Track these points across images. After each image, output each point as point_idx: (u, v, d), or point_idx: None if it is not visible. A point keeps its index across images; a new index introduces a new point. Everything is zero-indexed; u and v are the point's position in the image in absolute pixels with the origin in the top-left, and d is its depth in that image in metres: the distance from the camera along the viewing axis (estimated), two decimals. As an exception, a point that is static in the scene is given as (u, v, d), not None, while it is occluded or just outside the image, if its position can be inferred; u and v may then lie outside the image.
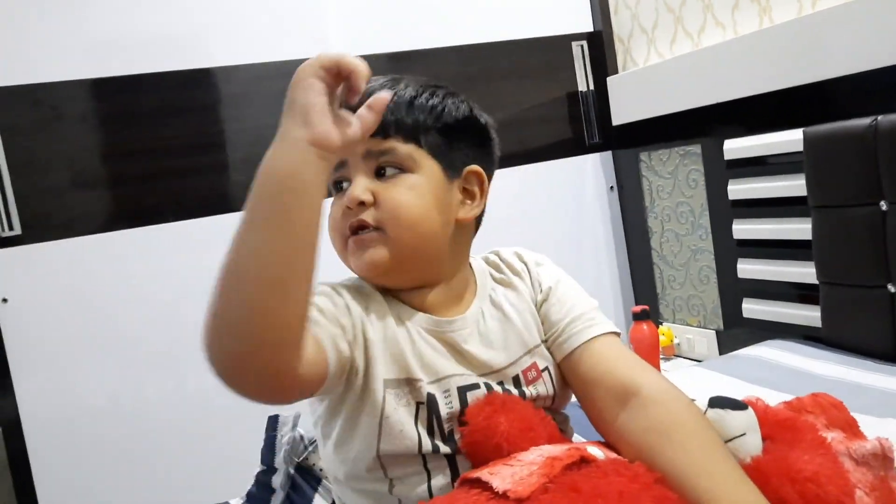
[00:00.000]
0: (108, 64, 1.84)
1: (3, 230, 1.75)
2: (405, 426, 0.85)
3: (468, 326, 0.93)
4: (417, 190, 0.89)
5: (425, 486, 0.86)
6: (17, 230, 1.76)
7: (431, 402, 0.86)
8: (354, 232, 0.88)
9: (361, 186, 0.87)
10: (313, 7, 2.02)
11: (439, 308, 0.93)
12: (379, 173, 0.89)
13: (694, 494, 0.74)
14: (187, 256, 1.90)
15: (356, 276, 0.95)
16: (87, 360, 1.83)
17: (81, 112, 1.83)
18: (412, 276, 0.92)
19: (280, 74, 1.97)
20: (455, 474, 0.86)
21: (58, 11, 1.79)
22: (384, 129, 0.87)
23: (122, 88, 1.85)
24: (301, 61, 0.74)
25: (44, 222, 1.79)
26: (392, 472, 0.86)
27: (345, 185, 0.90)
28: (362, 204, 0.87)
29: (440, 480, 0.86)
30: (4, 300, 1.76)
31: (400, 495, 0.86)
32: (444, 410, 0.87)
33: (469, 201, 0.95)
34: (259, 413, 1.39)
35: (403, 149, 0.89)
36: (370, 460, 0.86)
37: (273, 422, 1.30)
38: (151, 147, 1.89)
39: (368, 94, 0.85)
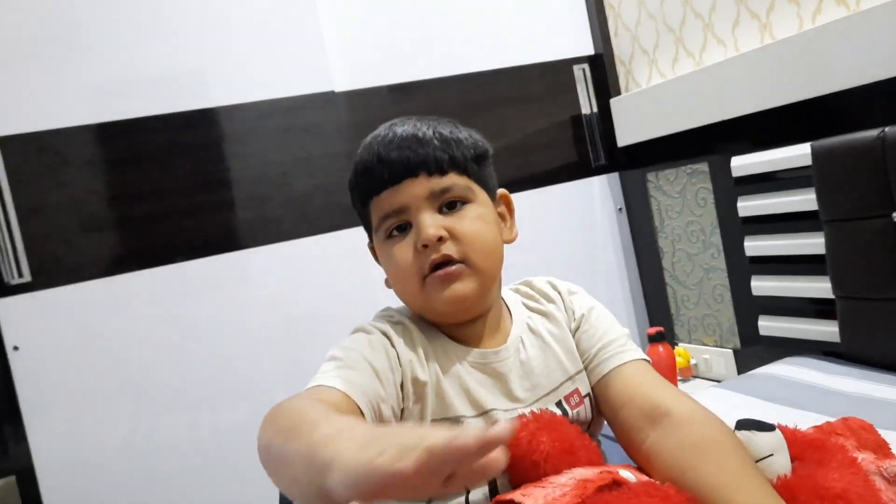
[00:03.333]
0: (111, 108, 1.85)
1: (13, 277, 1.75)
2: None
3: (510, 356, 0.94)
4: (484, 218, 0.92)
5: (462, 498, 0.87)
6: (27, 277, 1.76)
7: None
8: (436, 268, 0.89)
9: (434, 223, 0.88)
10: (313, 43, 2.03)
11: (484, 339, 0.95)
12: (441, 210, 0.90)
13: None
14: (197, 296, 1.91)
15: (395, 311, 0.97)
16: (100, 405, 1.82)
17: (87, 157, 1.84)
18: (482, 307, 0.94)
19: (282, 111, 1.99)
20: (493, 489, 0.87)
21: (58, 59, 1.81)
22: (440, 166, 0.90)
23: (126, 131, 1.86)
24: (304, 97, 0.73)
25: (53, 268, 1.79)
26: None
27: (408, 226, 0.91)
28: (440, 240, 0.88)
29: (477, 494, 0.87)
30: (16, 348, 1.75)
31: None
32: None
33: (503, 223, 0.99)
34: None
35: (461, 181, 0.91)
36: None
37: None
38: (157, 188, 1.89)
39: (388, 137, 0.90)
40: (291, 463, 0.64)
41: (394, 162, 0.90)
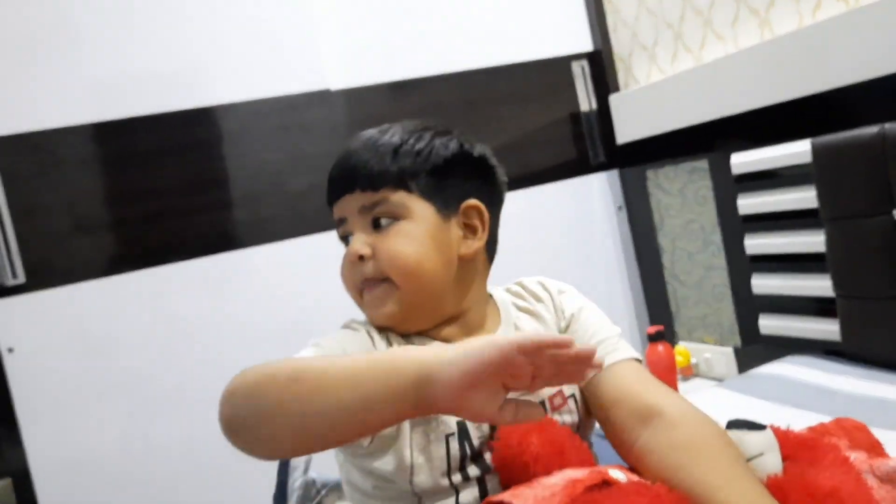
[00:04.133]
0: (106, 108, 1.84)
1: (8, 278, 1.74)
2: (434, 461, 0.86)
3: None
4: (412, 235, 0.91)
5: (452, 500, 0.87)
6: (21, 278, 1.75)
7: (462, 429, 0.87)
8: (365, 285, 0.92)
9: (360, 241, 0.91)
10: (309, 41, 2.02)
11: (465, 339, 0.94)
12: (376, 225, 0.92)
13: None
14: (192, 297, 1.90)
15: None
16: (95, 407, 1.81)
17: (81, 156, 1.83)
18: (426, 318, 0.94)
19: (278, 109, 1.98)
20: (483, 492, 0.87)
21: (52, 59, 1.80)
22: (372, 182, 0.91)
23: (121, 131, 1.85)
24: (299, 96, 0.73)
25: (47, 269, 1.78)
26: (421, 491, 0.87)
27: (350, 238, 0.94)
28: (361, 258, 0.90)
29: (467, 496, 0.87)
30: (10, 349, 1.74)
31: None
32: (475, 435, 0.88)
33: (471, 236, 0.96)
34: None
35: (394, 198, 0.91)
36: (401, 490, 0.87)
37: (284, 466, 1.29)
38: (152, 188, 1.89)
39: (346, 149, 0.94)
40: (341, 387, 0.70)
41: (335, 177, 0.95)
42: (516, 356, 0.63)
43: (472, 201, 0.96)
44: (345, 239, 0.96)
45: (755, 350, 2.03)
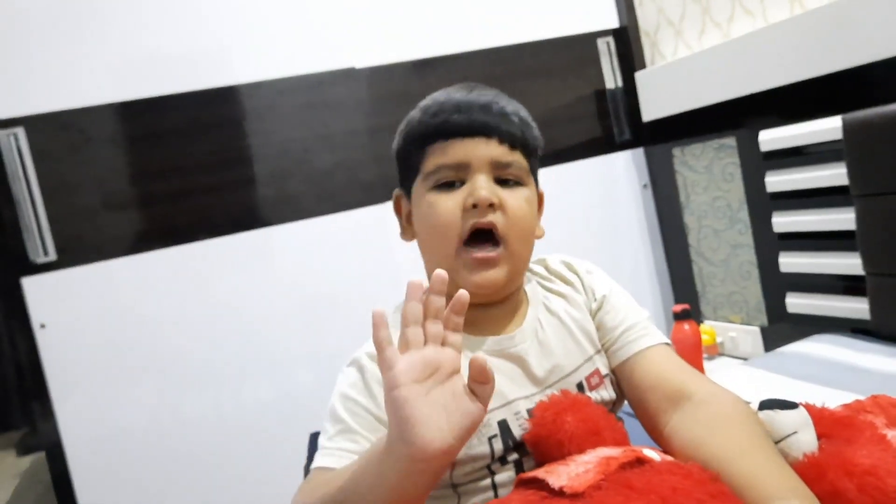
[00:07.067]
0: (134, 86, 1.85)
1: (39, 256, 1.77)
2: (477, 460, 0.86)
3: (528, 339, 0.93)
4: (530, 204, 0.92)
5: (489, 480, 0.87)
6: (53, 255, 1.78)
7: (504, 428, 0.87)
8: (475, 236, 0.88)
9: (491, 188, 0.88)
10: (334, 19, 2.02)
11: (501, 323, 0.95)
12: (500, 182, 0.90)
13: (733, 480, 0.71)
14: (219, 274, 1.92)
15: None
16: (126, 382, 1.84)
17: (109, 135, 1.85)
18: (506, 293, 0.94)
19: (303, 87, 1.98)
20: (519, 469, 0.87)
21: (80, 38, 1.81)
22: (512, 139, 0.89)
23: (148, 109, 1.87)
24: (325, 74, 0.73)
25: (77, 246, 1.81)
26: (458, 479, 0.88)
27: (457, 184, 0.90)
28: (491, 206, 0.87)
29: (503, 477, 0.88)
30: (42, 325, 1.77)
31: (461, 492, 0.88)
32: (517, 432, 0.88)
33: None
34: (300, 431, 1.38)
35: (523, 163, 0.91)
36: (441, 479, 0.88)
37: (315, 439, 1.30)
38: (180, 166, 1.90)
39: (470, 95, 0.89)
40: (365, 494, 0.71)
41: (475, 116, 0.89)
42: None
43: (541, 189, 1.00)
44: (448, 185, 0.90)
45: (782, 329, 2.01)
